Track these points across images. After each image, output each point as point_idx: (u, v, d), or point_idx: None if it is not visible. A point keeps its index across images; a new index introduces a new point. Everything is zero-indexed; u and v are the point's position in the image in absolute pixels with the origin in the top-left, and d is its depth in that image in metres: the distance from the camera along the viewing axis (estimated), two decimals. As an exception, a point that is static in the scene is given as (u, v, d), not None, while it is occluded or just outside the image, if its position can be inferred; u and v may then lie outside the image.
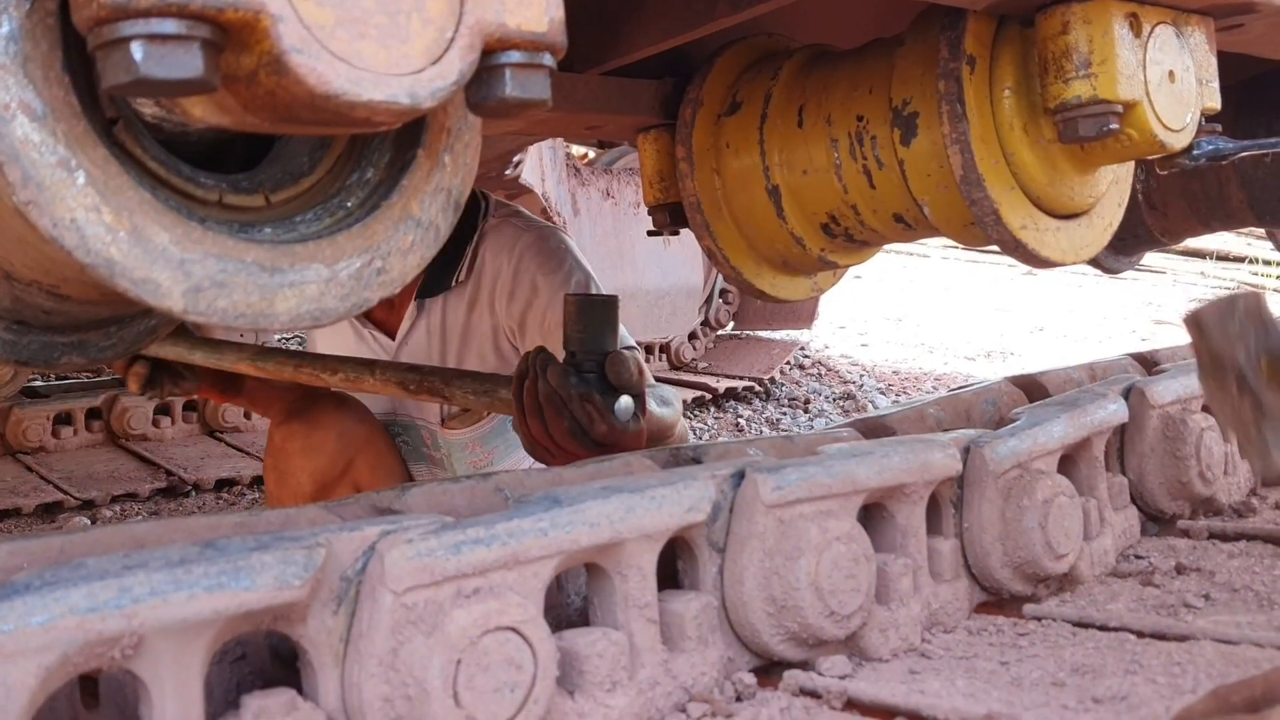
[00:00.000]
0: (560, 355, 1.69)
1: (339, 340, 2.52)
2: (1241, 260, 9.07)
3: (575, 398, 1.62)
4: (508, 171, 3.83)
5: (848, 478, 1.27)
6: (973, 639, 1.34)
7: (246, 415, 4.41)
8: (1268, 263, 8.80)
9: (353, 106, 0.70)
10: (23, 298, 0.99)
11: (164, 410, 4.29)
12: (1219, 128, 1.43)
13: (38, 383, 4.50)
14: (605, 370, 1.63)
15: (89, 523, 3.50)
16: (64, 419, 4.13)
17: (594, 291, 2.13)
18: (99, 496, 3.66)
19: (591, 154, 5.48)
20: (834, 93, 1.48)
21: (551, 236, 2.27)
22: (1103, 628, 1.33)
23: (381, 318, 2.46)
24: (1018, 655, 1.26)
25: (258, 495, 3.87)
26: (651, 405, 1.89)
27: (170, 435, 4.27)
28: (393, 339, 2.40)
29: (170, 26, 0.63)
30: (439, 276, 2.31)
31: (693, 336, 5.90)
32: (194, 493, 3.86)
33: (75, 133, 0.72)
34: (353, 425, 2.37)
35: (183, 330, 2.23)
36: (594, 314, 1.65)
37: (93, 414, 4.19)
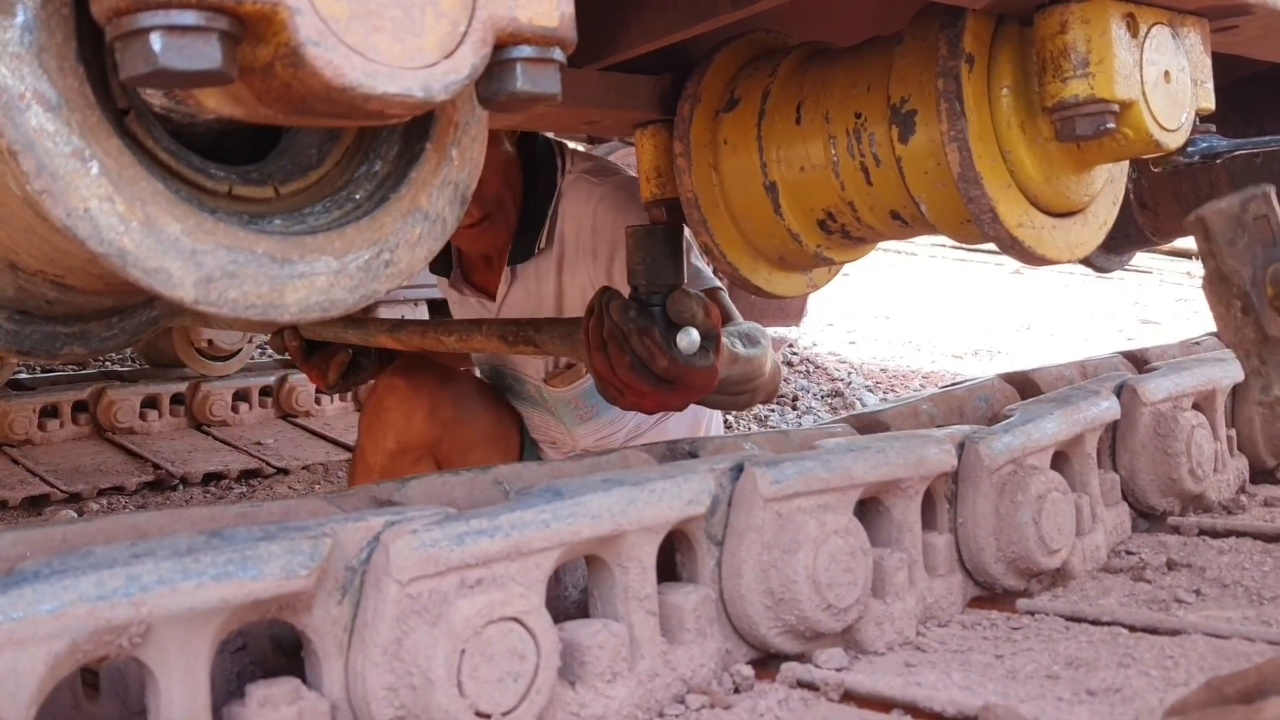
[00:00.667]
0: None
1: (454, 309, 2.60)
2: (1227, 261, 9.10)
3: (635, 332, 1.60)
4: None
5: (845, 472, 1.28)
6: (967, 632, 1.35)
7: (234, 409, 4.40)
8: (1252, 263, 8.83)
9: (367, 99, 0.70)
10: (27, 288, 1.00)
11: (151, 403, 4.28)
12: (1213, 127, 1.44)
13: (23, 375, 4.48)
14: (666, 306, 1.62)
15: (75, 516, 3.49)
16: (50, 411, 4.11)
17: None
18: (85, 490, 3.64)
19: (581, 149, 5.47)
20: (832, 90, 1.49)
21: (626, 185, 2.25)
22: (1095, 622, 1.34)
23: (481, 281, 2.50)
24: (1012, 649, 1.27)
25: (244, 489, 3.86)
26: (734, 345, 1.87)
27: (157, 428, 4.25)
28: (494, 300, 2.44)
29: (189, 18, 0.63)
30: (525, 242, 2.32)
31: (683, 333, 5.89)
32: (181, 486, 3.84)
33: (89, 123, 0.72)
34: (445, 403, 2.38)
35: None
36: (655, 245, 1.63)
37: (79, 406, 4.17)
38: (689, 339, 1.62)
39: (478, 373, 2.65)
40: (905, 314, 7.90)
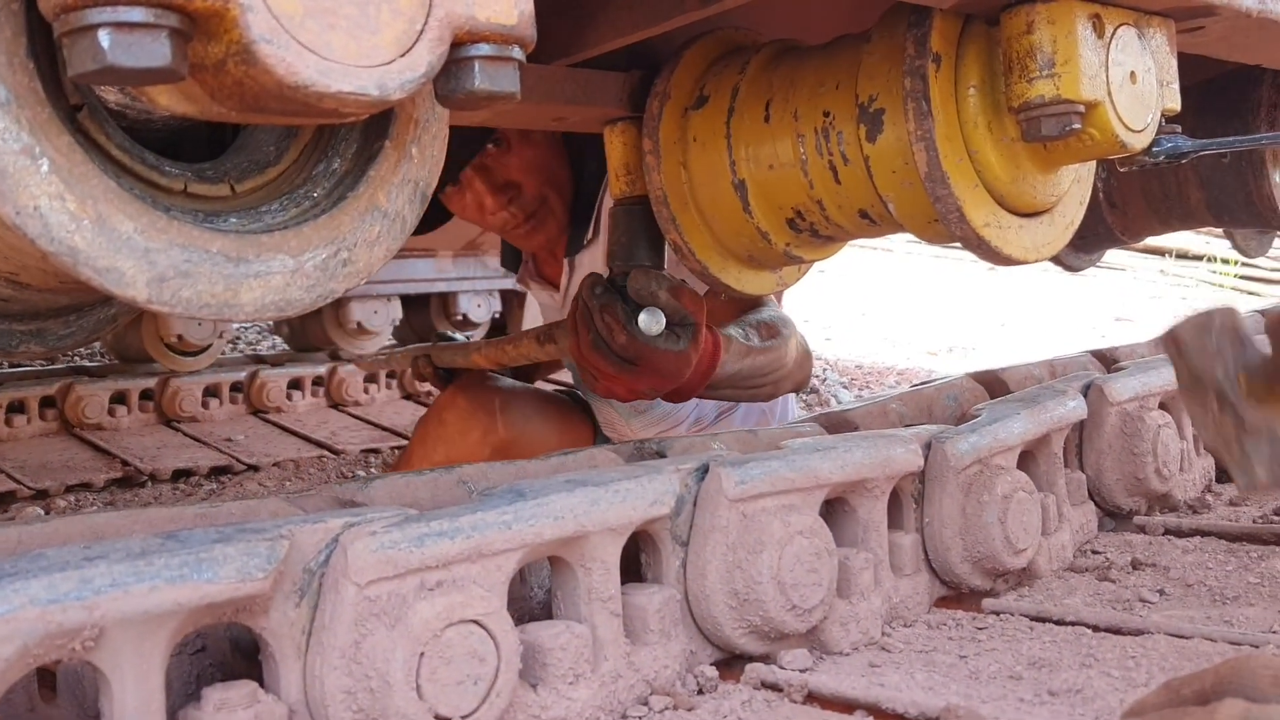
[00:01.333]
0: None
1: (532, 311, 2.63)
2: (1200, 258, 9.19)
3: (598, 309, 1.60)
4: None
5: (810, 472, 1.28)
6: (932, 633, 1.36)
7: (204, 405, 4.36)
8: (1226, 261, 8.93)
9: (321, 97, 0.69)
10: (-20, 285, 0.98)
11: (120, 399, 4.23)
12: (1179, 128, 1.45)
13: (-10, 370, 4.43)
14: (628, 283, 1.62)
15: (42, 513, 3.45)
16: (17, 407, 4.06)
17: None
18: (53, 486, 3.60)
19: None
20: (801, 88, 1.49)
21: None
22: (1060, 622, 1.35)
23: (549, 273, 2.51)
24: (976, 649, 1.28)
25: (214, 486, 3.83)
26: (748, 338, 1.87)
27: (126, 424, 4.21)
28: (559, 290, 2.45)
29: (138, 15, 0.62)
30: (577, 236, 2.33)
31: (657, 329, 5.89)
32: (150, 483, 3.80)
33: (39, 120, 0.71)
34: (503, 428, 2.38)
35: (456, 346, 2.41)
36: (633, 224, 1.63)
37: (47, 402, 4.12)
38: (650, 318, 1.61)
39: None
40: (881, 311, 7.92)
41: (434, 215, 2.30)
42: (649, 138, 1.60)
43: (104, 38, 0.62)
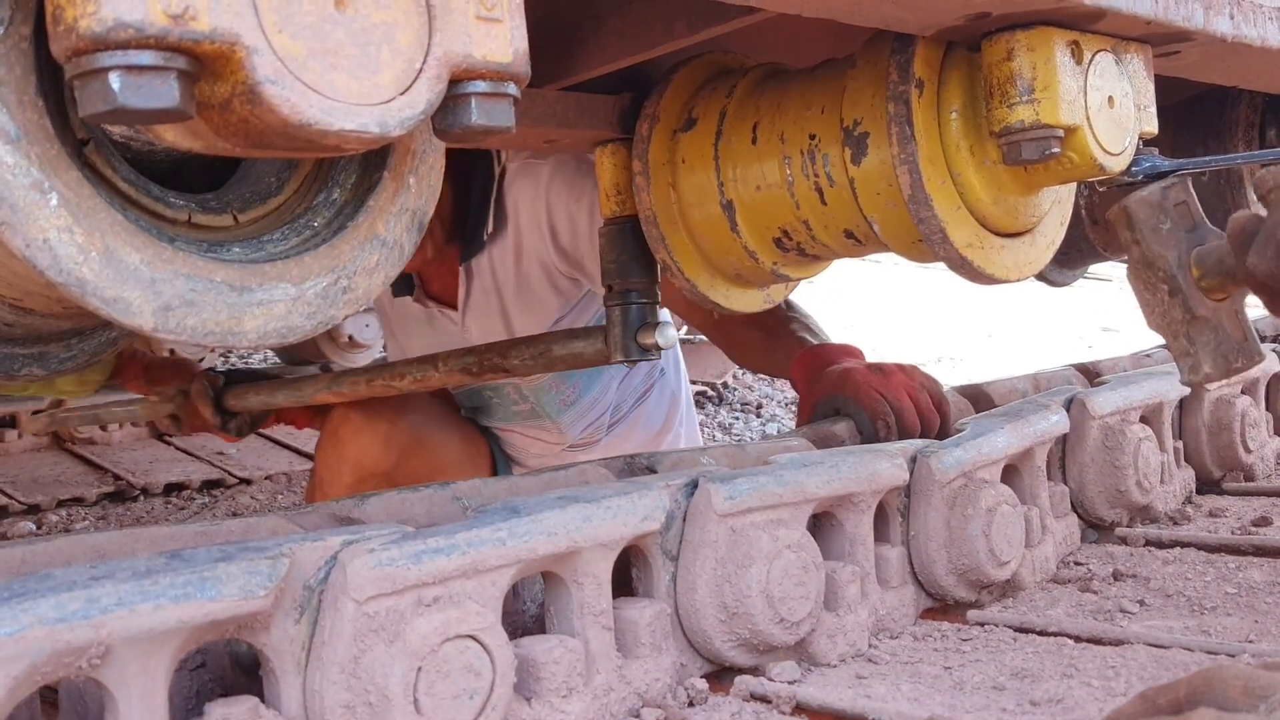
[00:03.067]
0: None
1: (417, 328, 2.55)
2: (1184, 269, 9.26)
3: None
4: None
5: (798, 487, 1.31)
6: (918, 644, 1.38)
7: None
8: (1209, 272, 8.98)
9: (324, 135, 0.72)
10: (-16, 311, 1.00)
11: (112, 413, 4.24)
12: (1155, 150, 1.48)
13: (-18, 384, 4.42)
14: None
15: (34, 528, 3.46)
16: (8, 422, 4.07)
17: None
18: (45, 501, 3.61)
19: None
20: (787, 111, 1.52)
21: (569, 160, 2.24)
22: (1042, 633, 1.38)
23: (439, 292, 2.48)
24: (960, 660, 1.30)
25: (207, 500, 3.84)
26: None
27: (118, 439, 4.22)
28: (457, 310, 2.42)
29: (147, 58, 0.65)
30: (472, 236, 2.30)
31: (647, 341, 5.92)
32: (142, 497, 3.82)
33: (48, 155, 0.74)
34: (404, 430, 2.37)
35: (258, 378, 2.32)
36: (625, 242, 1.68)
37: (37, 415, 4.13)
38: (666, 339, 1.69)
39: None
40: (869, 322, 7.96)
41: None
42: (638, 159, 1.63)
43: (115, 80, 0.65)
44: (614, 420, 2.48)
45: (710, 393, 5.82)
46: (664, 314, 1.72)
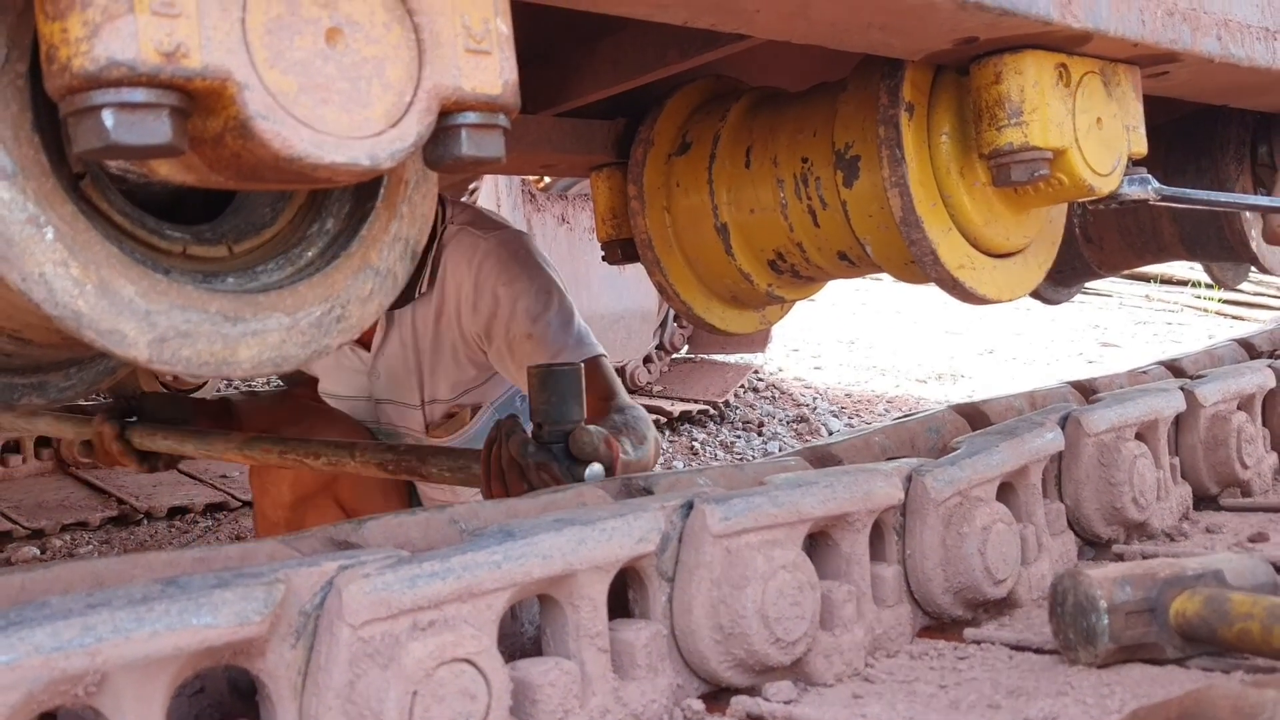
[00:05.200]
0: (527, 365, 1.76)
1: (323, 362, 2.54)
2: (1184, 284, 9.28)
3: (532, 466, 1.69)
4: (464, 199, 3.86)
5: (793, 507, 1.31)
6: (914, 663, 1.39)
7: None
8: (1210, 286, 9.01)
9: (315, 168, 0.73)
10: (-16, 342, 1.01)
11: (116, 437, 4.24)
12: (1144, 170, 1.50)
13: (-14, 409, 4.44)
14: (569, 444, 1.70)
15: (38, 553, 3.47)
16: (12, 447, 4.08)
17: (556, 296, 2.11)
18: (49, 526, 3.62)
19: (547, 179, 5.52)
20: (780, 135, 1.54)
21: (510, 241, 2.23)
22: (1039, 650, 1.38)
23: None
24: (957, 678, 1.31)
25: (210, 523, 3.85)
26: (629, 452, 1.93)
27: (122, 462, 4.22)
28: (369, 350, 2.42)
29: (140, 95, 0.66)
30: (403, 288, 2.30)
31: (647, 360, 5.95)
32: (145, 521, 3.82)
33: (44, 190, 0.75)
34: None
35: (168, 424, 2.32)
36: (557, 386, 1.71)
37: (42, 442, 4.14)
38: (593, 473, 1.71)
39: None
40: (870, 339, 7.97)
41: None
42: (634, 183, 1.65)
43: (108, 118, 0.66)
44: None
45: (712, 411, 5.83)
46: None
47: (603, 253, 1.82)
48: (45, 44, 0.68)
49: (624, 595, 1.26)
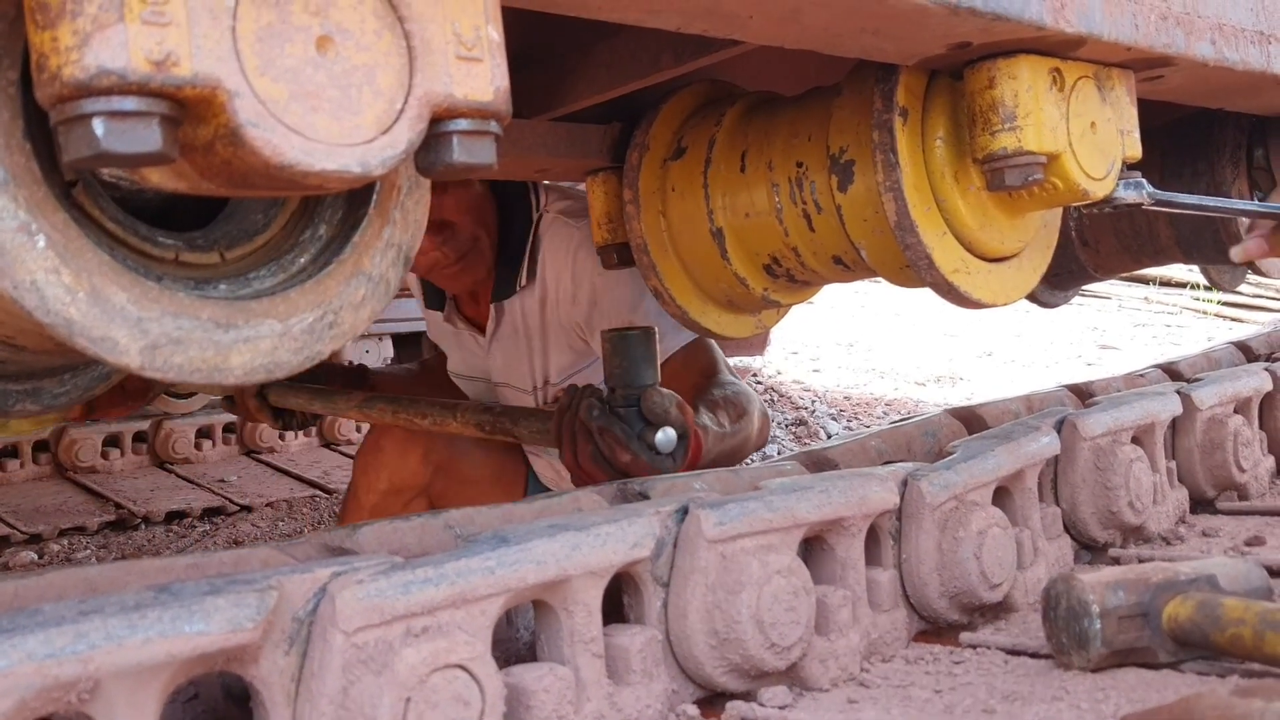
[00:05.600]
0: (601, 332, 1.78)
1: (448, 339, 2.64)
2: (1183, 286, 9.29)
3: (599, 430, 1.71)
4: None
5: (788, 512, 1.31)
6: (910, 668, 1.39)
7: (197, 446, 4.38)
8: (1208, 288, 9.02)
9: (306, 175, 0.73)
10: (-22, 348, 1.01)
11: (113, 442, 4.25)
12: (1139, 174, 1.50)
13: (-17, 414, 4.43)
14: (641, 407, 1.71)
15: (36, 558, 3.46)
16: (10, 452, 4.08)
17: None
18: (46, 530, 3.61)
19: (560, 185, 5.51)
20: (775, 139, 1.54)
21: None
22: (1034, 655, 1.38)
23: (472, 315, 2.54)
24: (952, 683, 1.31)
25: (208, 527, 3.84)
26: (720, 424, 1.96)
27: (119, 467, 4.23)
28: (483, 334, 2.48)
29: (130, 104, 0.66)
30: (506, 280, 2.36)
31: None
32: (144, 525, 3.82)
33: (35, 198, 0.75)
34: (442, 447, 2.45)
35: (302, 384, 2.42)
36: (629, 349, 1.71)
37: (40, 446, 4.14)
38: (666, 437, 1.71)
39: None
40: (868, 341, 7.97)
41: None
42: (629, 187, 1.65)
43: (98, 126, 0.67)
44: None
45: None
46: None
47: (598, 257, 1.82)
48: (36, 52, 0.68)
49: (619, 600, 1.27)
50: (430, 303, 2.63)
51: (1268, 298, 8.95)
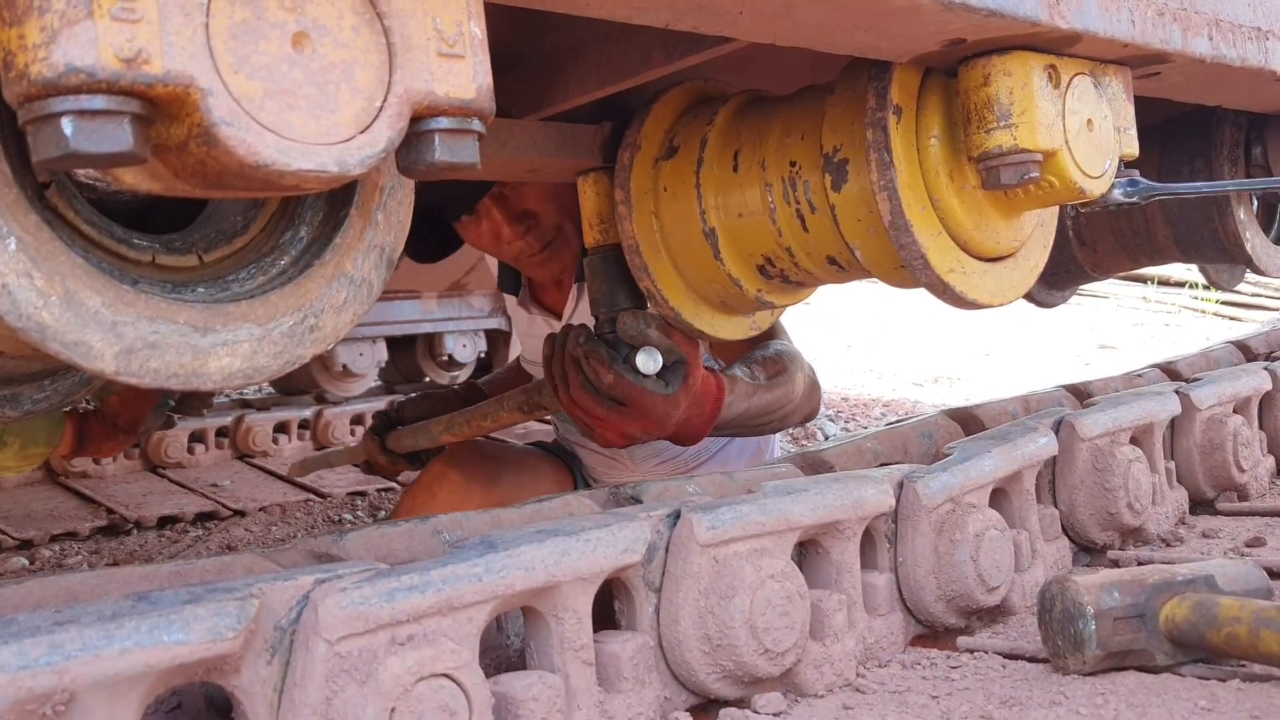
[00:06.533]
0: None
1: (522, 325, 2.60)
2: (1182, 285, 9.27)
3: (583, 355, 1.67)
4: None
5: (781, 516, 1.30)
6: (907, 672, 1.37)
7: (190, 451, 4.36)
8: (1207, 287, 9.00)
9: (282, 175, 0.72)
10: (-45, 353, 1.00)
11: (106, 445, 4.22)
12: (1136, 172, 1.48)
13: (-25, 419, 4.40)
14: (616, 328, 1.68)
15: (27, 563, 3.44)
16: (3, 456, 4.05)
17: None
18: (37, 536, 3.58)
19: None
20: (768, 139, 1.52)
21: None
22: (1032, 659, 1.37)
23: (550, 302, 2.51)
24: (949, 688, 1.29)
25: (200, 532, 3.82)
26: (753, 375, 1.92)
27: (111, 472, 4.19)
28: (559, 319, 2.44)
29: (100, 103, 0.65)
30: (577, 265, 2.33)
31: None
32: (135, 531, 3.79)
33: (6, 200, 0.73)
34: (495, 499, 2.36)
35: (414, 422, 2.40)
36: (606, 271, 1.69)
37: (34, 450, 4.12)
38: (647, 357, 1.68)
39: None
40: (866, 342, 7.95)
41: (445, 244, 2.30)
42: (620, 188, 1.63)
43: (67, 125, 0.65)
44: (692, 467, 2.47)
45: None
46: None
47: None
48: (2, 50, 0.67)
49: (610, 606, 1.25)
50: (504, 285, 2.59)
51: (1266, 297, 8.94)
